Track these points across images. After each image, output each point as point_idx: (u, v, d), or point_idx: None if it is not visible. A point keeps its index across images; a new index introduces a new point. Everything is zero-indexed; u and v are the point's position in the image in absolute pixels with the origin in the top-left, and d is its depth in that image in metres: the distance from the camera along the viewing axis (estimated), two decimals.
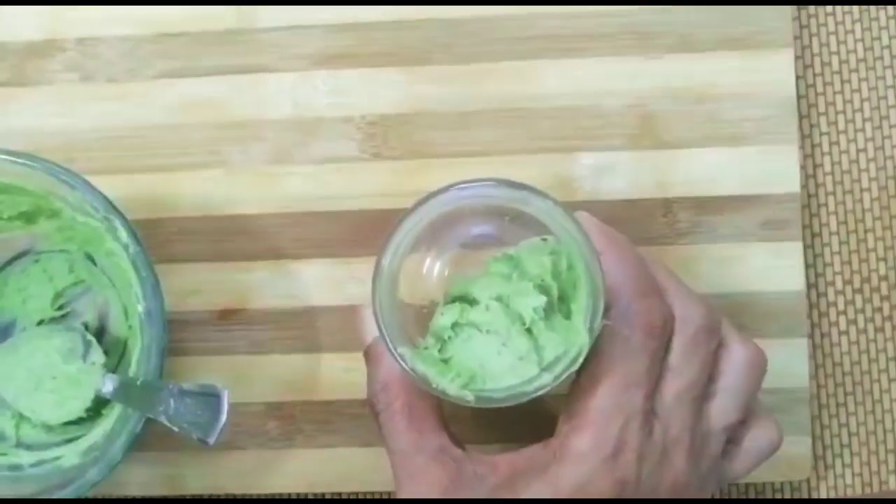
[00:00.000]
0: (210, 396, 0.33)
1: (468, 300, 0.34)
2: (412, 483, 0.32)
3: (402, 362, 0.31)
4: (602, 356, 0.31)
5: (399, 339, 0.32)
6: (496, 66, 0.39)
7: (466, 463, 0.32)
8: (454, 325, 0.33)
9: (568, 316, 0.33)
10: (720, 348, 0.33)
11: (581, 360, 0.31)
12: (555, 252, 0.33)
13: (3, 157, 0.35)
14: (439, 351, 0.33)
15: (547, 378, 0.31)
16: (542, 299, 0.32)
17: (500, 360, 0.33)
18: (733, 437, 0.34)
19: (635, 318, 0.31)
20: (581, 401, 0.32)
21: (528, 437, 0.34)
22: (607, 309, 0.31)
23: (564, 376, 0.31)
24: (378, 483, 0.39)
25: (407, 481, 0.32)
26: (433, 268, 0.36)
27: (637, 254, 0.33)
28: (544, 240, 0.33)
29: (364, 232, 0.39)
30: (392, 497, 0.40)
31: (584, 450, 0.31)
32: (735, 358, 0.33)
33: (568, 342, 0.31)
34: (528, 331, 0.33)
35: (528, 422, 0.35)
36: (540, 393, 0.31)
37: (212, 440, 0.33)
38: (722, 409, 0.33)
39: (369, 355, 0.34)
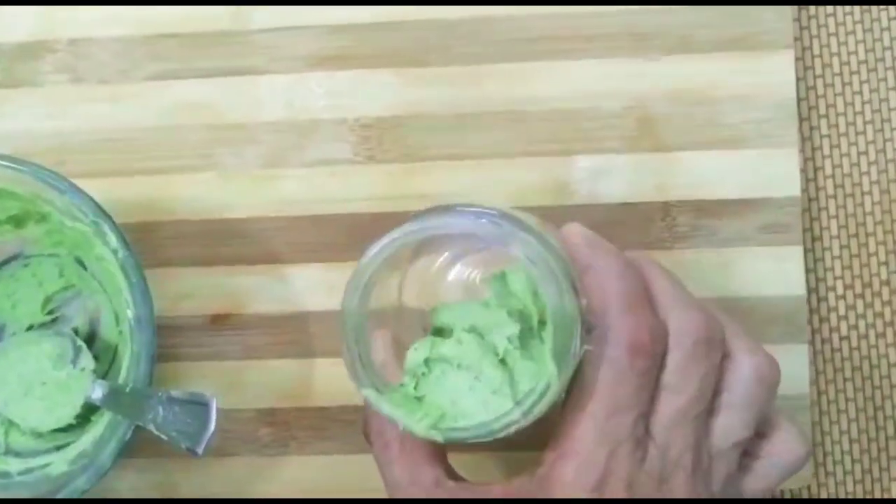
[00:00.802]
0: (199, 405, 0.33)
1: (444, 331, 0.33)
2: None
3: (368, 403, 0.31)
4: (585, 380, 0.30)
5: (366, 378, 0.31)
6: (492, 67, 0.39)
7: (460, 494, 0.32)
8: (427, 361, 0.32)
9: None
10: (725, 359, 0.31)
11: (551, 393, 0.29)
12: (527, 271, 0.31)
13: None
14: (415, 388, 0.32)
15: (516, 414, 0.29)
16: (516, 327, 0.31)
17: (472, 395, 0.31)
18: (751, 449, 0.32)
19: (619, 336, 0.29)
20: (566, 427, 0.30)
21: (538, 448, 0.33)
22: (590, 330, 0.30)
23: (536, 411, 0.29)
24: (372, 490, 0.39)
25: None
26: (443, 273, 0.35)
27: (626, 265, 0.31)
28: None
29: (358, 236, 0.39)
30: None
31: (568, 480, 0.29)
32: (740, 371, 0.31)
33: (541, 373, 0.30)
34: (503, 362, 0.31)
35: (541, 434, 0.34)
36: (511, 430, 0.30)
37: (200, 450, 0.32)
38: (728, 426, 0.31)
39: None
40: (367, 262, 0.31)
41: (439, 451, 0.33)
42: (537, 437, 0.32)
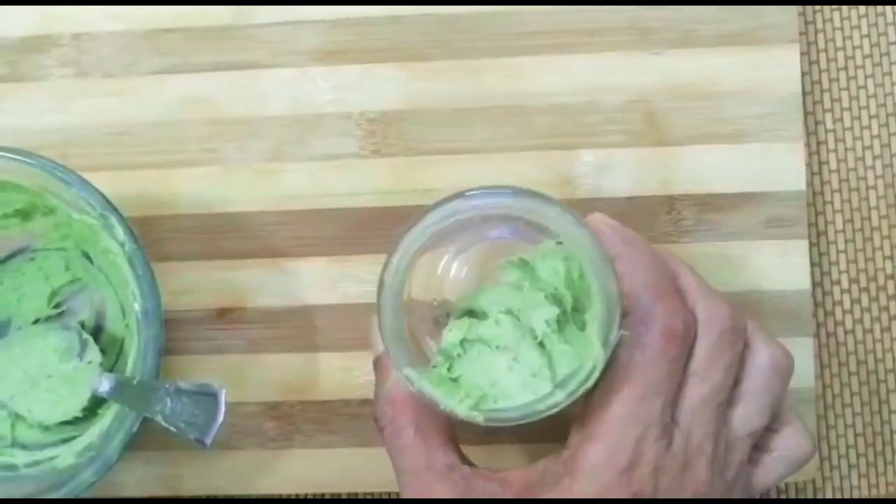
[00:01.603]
0: (207, 396, 0.33)
1: (477, 314, 0.33)
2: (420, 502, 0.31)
3: (407, 383, 0.31)
4: (618, 363, 0.30)
5: (405, 358, 0.31)
6: (496, 62, 0.39)
7: (476, 480, 0.31)
8: (463, 342, 0.32)
9: (583, 327, 0.32)
10: (744, 349, 0.32)
11: (596, 375, 0.30)
12: (569, 258, 0.31)
13: None
14: (449, 369, 0.32)
15: (560, 395, 0.30)
16: (554, 311, 0.31)
17: (511, 376, 0.31)
18: (760, 443, 0.33)
19: (654, 322, 0.30)
20: (595, 410, 0.31)
21: (543, 440, 0.33)
22: (624, 315, 0.30)
23: (579, 393, 0.30)
24: (377, 483, 0.39)
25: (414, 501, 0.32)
26: (450, 265, 0.35)
27: (655, 255, 0.32)
28: (560, 243, 0.32)
29: (363, 230, 0.39)
30: (394, 498, 0.40)
31: (597, 462, 0.30)
32: (759, 361, 0.32)
33: (582, 355, 0.30)
34: (541, 344, 0.32)
35: (547, 427, 0.34)
36: (553, 411, 0.30)
37: (208, 440, 0.32)
38: (746, 415, 0.31)
39: (378, 368, 0.34)
40: (412, 239, 0.31)
41: (452, 438, 0.33)
42: (551, 429, 0.33)
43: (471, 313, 0.33)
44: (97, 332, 0.39)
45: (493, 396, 0.31)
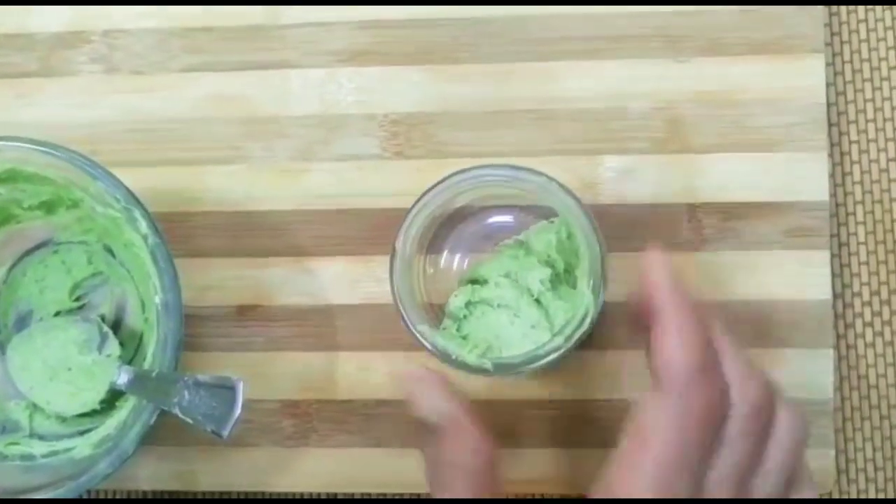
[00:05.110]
0: (225, 388, 0.33)
1: (479, 281, 0.36)
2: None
3: (421, 339, 0.33)
4: (657, 429, 0.29)
5: (418, 316, 0.34)
6: (522, 66, 0.39)
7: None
8: (468, 304, 0.35)
9: (574, 285, 0.35)
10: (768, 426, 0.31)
11: (589, 320, 0.32)
12: (559, 230, 0.35)
13: (27, 146, 0.35)
14: (457, 330, 0.35)
15: (559, 340, 0.33)
16: (547, 271, 0.35)
17: (513, 329, 0.35)
18: None
19: (695, 397, 0.29)
20: (623, 472, 0.29)
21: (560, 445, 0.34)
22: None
23: (576, 337, 0.33)
24: (391, 483, 0.39)
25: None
26: (451, 266, 0.37)
27: (700, 317, 0.31)
28: (551, 222, 0.36)
29: (384, 231, 0.39)
30: (408, 498, 0.40)
31: None
32: (780, 434, 0.31)
33: (575, 307, 0.33)
34: (538, 301, 0.35)
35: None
36: (553, 356, 0.33)
37: (225, 432, 0.32)
38: (767, 490, 0.31)
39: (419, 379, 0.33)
40: (416, 212, 0.34)
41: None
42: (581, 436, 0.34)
43: (473, 282, 0.36)
44: (117, 325, 0.39)
45: (497, 347, 0.35)
